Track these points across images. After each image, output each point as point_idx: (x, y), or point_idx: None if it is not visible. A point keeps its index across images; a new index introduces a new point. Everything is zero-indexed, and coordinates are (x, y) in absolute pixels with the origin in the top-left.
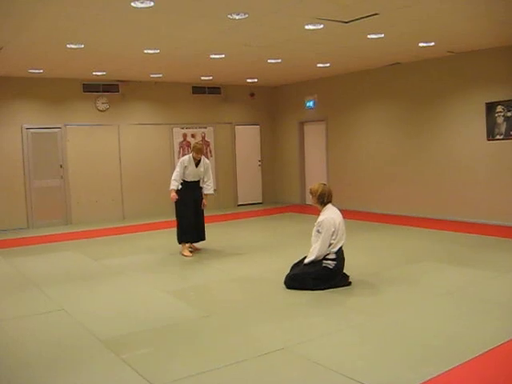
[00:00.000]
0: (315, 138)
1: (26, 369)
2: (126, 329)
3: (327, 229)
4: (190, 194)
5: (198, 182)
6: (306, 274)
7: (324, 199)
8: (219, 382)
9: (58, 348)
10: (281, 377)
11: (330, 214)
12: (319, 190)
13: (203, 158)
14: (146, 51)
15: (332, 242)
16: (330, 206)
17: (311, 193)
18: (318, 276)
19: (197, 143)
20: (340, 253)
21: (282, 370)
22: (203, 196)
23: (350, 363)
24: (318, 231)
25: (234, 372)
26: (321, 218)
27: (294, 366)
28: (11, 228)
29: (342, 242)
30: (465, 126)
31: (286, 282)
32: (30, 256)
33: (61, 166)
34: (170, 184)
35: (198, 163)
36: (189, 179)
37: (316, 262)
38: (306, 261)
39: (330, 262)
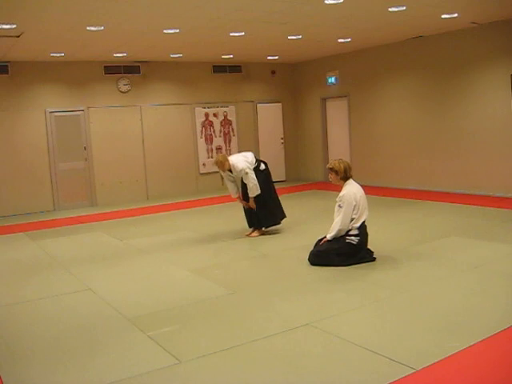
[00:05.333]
0: (338, 115)
1: (57, 347)
2: (152, 307)
3: (348, 203)
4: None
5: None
6: (330, 250)
7: (347, 174)
8: (245, 357)
9: (85, 326)
10: (306, 352)
11: (351, 189)
12: (342, 167)
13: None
14: (165, 31)
15: (354, 216)
16: (351, 181)
17: (334, 171)
18: (342, 252)
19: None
20: (363, 228)
21: (307, 346)
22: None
23: (375, 338)
24: (340, 206)
25: (259, 348)
26: (342, 192)
27: (319, 341)
28: (38, 211)
29: (364, 217)
30: (490, 98)
31: (310, 259)
32: (56, 237)
33: (85, 149)
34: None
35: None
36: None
37: (339, 238)
38: (329, 236)
39: (353, 237)
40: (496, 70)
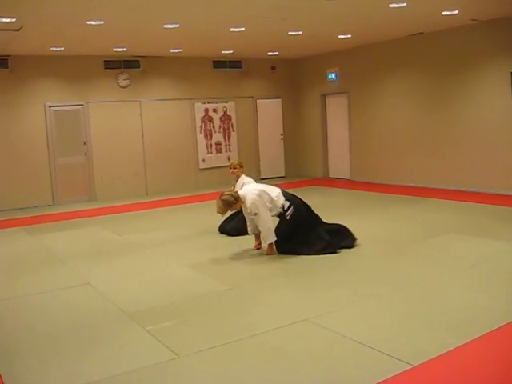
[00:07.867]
0: (337, 111)
1: (54, 341)
2: (151, 302)
3: (260, 205)
4: None
5: None
6: (287, 243)
7: (238, 199)
8: (243, 352)
9: (84, 321)
10: (304, 347)
11: (249, 193)
12: (226, 204)
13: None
14: (165, 26)
15: (273, 202)
16: (240, 192)
17: (230, 209)
18: (297, 228)
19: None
20: (288, 195)
21: (305, 341)
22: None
23: (372, 334)
24: (256, 213)
25: (256, 343)
26: (247, 204)
27: (317, 336)
28: (37, 205)
29: (276, 191)
30: (490, 96)
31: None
32: (55, 232)
33: (84, 143)
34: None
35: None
36: None
37: (281, 222)
38: (269, 242)
39: (288, 210)
40: (496, 67)
